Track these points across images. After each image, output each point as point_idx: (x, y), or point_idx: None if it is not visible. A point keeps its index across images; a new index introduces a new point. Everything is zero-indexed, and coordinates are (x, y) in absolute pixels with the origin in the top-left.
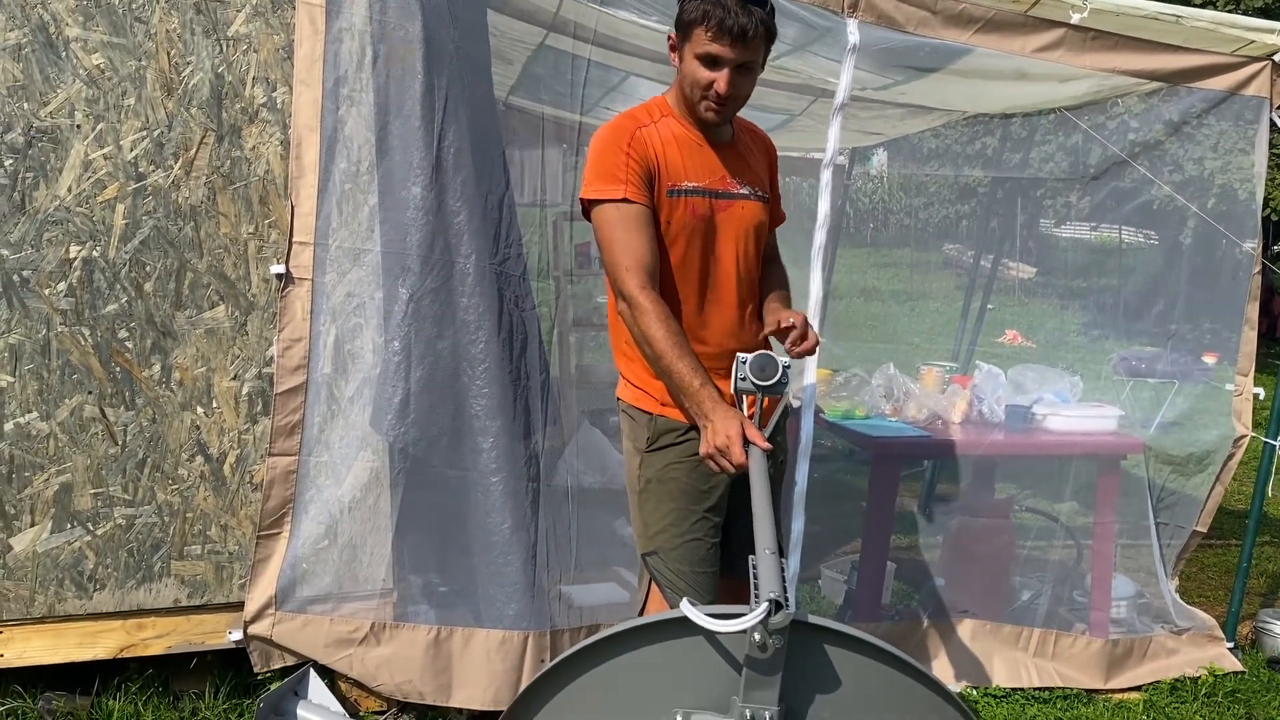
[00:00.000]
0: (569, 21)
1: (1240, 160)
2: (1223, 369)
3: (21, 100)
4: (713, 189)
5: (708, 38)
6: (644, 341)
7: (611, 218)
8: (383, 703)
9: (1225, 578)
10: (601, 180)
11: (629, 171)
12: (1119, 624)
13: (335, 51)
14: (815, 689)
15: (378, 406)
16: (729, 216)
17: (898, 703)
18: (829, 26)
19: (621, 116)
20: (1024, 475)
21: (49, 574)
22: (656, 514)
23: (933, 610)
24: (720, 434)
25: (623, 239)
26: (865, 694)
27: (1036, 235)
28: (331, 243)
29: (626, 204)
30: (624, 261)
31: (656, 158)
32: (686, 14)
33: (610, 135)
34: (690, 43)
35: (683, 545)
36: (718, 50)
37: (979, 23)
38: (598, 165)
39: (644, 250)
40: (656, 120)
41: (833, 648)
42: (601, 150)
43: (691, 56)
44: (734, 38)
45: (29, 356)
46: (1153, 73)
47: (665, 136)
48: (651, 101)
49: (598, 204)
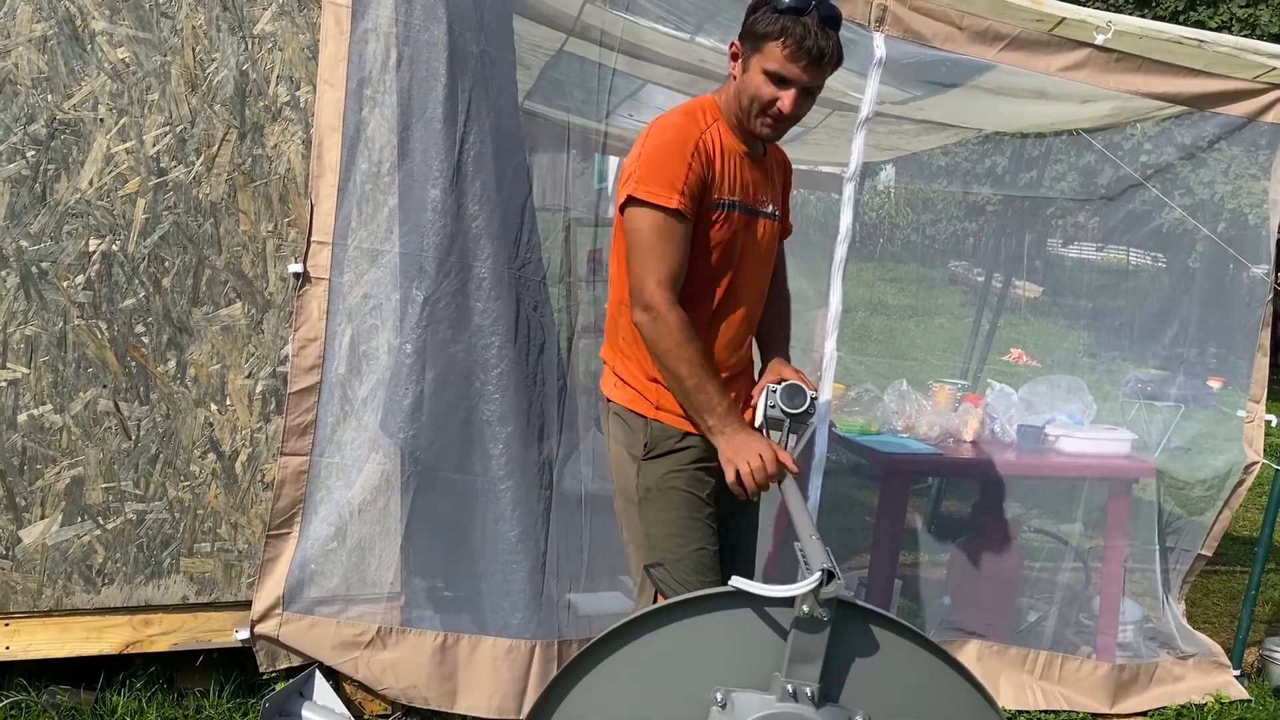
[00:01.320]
0: (595, 29)
1: (1251, 185)
2: (1228, 394)
3: (46, 92)
4: (747, 204)
5: (783, 55)
6: (666, 355)
7: (658, 224)
8: (387, 706)
9: (1230, 604)
10: (658, 183)
11: (688, 183)
12: (1125, 648)
13: (360, 52)
14: (855, 669)
15: (388, 409)
16: (753, 233)
17: (933, 690)
18: (854, 39)
19: (683, 116)
20: (1033, 496)
21: (57, 567)
22: (660, 524)
23: (939, 628)
24: (754, 453)
25: (663, 250)
26: (903, 679)
27: (1044, 255)
28: (350, 243)
29: (678, 216)
30: (659, 273)
31: (714, 169)
32: (761, 26)
33: (676, 138)
34: (760, 56)
35: (689, 554)
36: (791, 71)
37: (1005, 40)
38: (658, 166)
39: (679, 266)
40: (709, 125)
41: (877, 629)
42: (665, 152)
43: (759, 70)
44: (811, 60)
45: (45, 348)
46: (1175, 96)
47: (717, 144)
48: (703, 101)
49: (646, 205)
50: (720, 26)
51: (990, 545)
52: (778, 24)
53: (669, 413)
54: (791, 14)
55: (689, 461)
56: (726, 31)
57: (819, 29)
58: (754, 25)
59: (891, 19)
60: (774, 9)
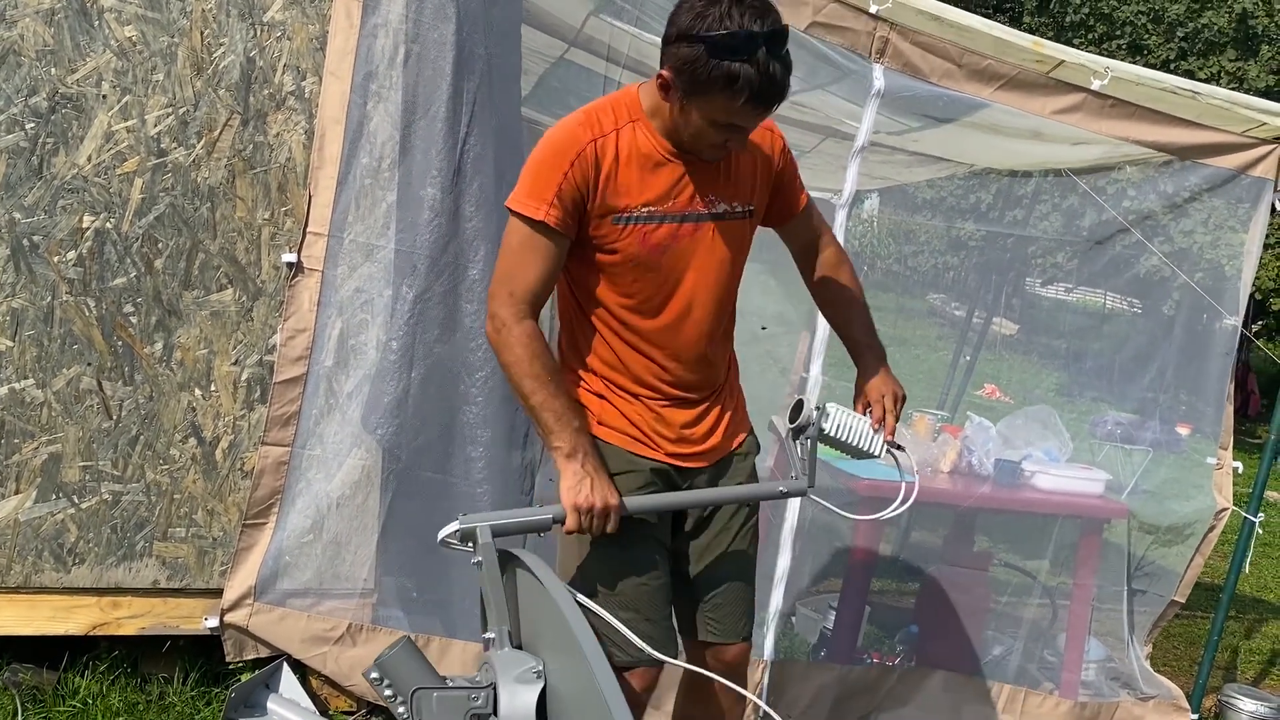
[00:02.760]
0: (601, 43)
1: (1229, 237)
2: (1195, 440)
3: (50, 65)
4: (676, 212)
5: (735, 109)
6: (509, 369)
7: (523, 235)
8: (353, 703)
9: (1191, 649)
10: (527, 192)
11: (560, 194)
12: (1087, 686)
13: (368, 46)
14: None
15: (369, 405)
16: (696, 241)
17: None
18: (854, 69)
19: (579, 119)
20: (1004, 530)
21: (28, 544)
22: (596, 553)
23: (905, 657)
24: (600, 495)
25: (523, 261)
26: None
27: (1022, 293)
28: (346, 236)
29: (543, 229)
30: (513, 285)
31: (602, 180)
32: (702, 73)
33: (556, 145)
34: (702, 104)
35: (623, 589)
36: (745, 119)
37: (1002, 80)
38: (532, 173)
39: (541, 280)
40: (621, 126)
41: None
42: (542, 159)
43: (701, 118)
44: (767, 105)
45: (31, 323)
46: (1165, 145)
47: (625, 150)
48: (622, 96)
49: (515, 214)
50: None
51: (959, 577)
52: (726, 74)
53: (612, 430)
54: (739, 59)
55: (636, 488)
56: None
57: (769, 66)
58: (690, 69)
59: (892, 52)
60: (711, 52)
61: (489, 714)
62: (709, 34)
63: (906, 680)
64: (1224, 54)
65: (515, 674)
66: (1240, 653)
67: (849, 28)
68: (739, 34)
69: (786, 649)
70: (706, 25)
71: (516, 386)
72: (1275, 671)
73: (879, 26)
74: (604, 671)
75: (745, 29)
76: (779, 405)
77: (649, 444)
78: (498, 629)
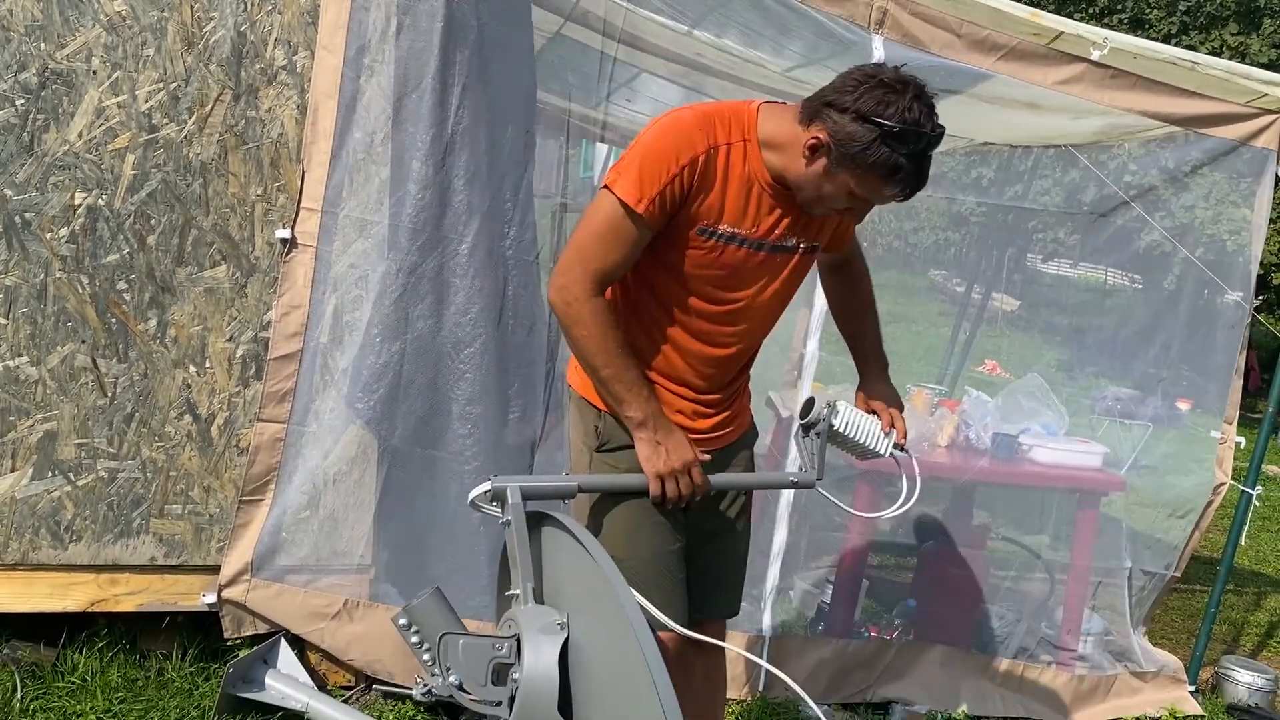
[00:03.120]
0: (597, 17)
1: (1231, 212)
2: (1196, 416)
3: (39, 40)
4: (757, 239)
5: (884, 191)
6: (580, 342)
7: (612, 216)
8: (350, 677)
9: (1189, 622)
10: (632, 181)
11: (663, 194)
12: (1085, 660)
13: (360, 20)
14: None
15: (352, 379)
16: (765, 268)
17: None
18: (854, 41)
19: (697, 120)
20: (1002, 505)
21: (25, 521)
22: (610, 522)
23: (904, 631)
24: (678, 456)
25: (607, 243)
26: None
27: (1023, 269)
28: (340, 212)
29: (636, 219)
30: (592, 265)
31: (705, 191)
32: (869, 156)
33: (673, 145)
34: (853, 177)
35: (639, 557)
36: (882, 200)
37: (1002, 50)
38: (642, 161)
39: (615, 265)
40: (734, 141)
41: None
42: (657, 150)
43: (846, 187)
44: (909, 197)
45: (24, 300)
46: (1167, 116)
47: (735, 166)
48: (741, 109)
49: (614, 195)
50: (716, 23)
51: (957, 551)
52: (891, 163)
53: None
54: (914, 155)
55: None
56: (723, 27)
57: (926, 163)
58: (858, 149)
59: (891, 22)
60: (886, 141)
61: (511, 663)
62: (887, 123)
63: (905, 654)
64: (1226, 28)
65: (540, 625)
66: (1238, 625)
67: None
68: (915, 131)
69: (784, 623)
70: (888, 114)
71: (587, 359)
72: (1273, 644)
73: None
74: (641, 628)
75: (920, 124)
76: (779, 383)
77: None
78: (523, 585)
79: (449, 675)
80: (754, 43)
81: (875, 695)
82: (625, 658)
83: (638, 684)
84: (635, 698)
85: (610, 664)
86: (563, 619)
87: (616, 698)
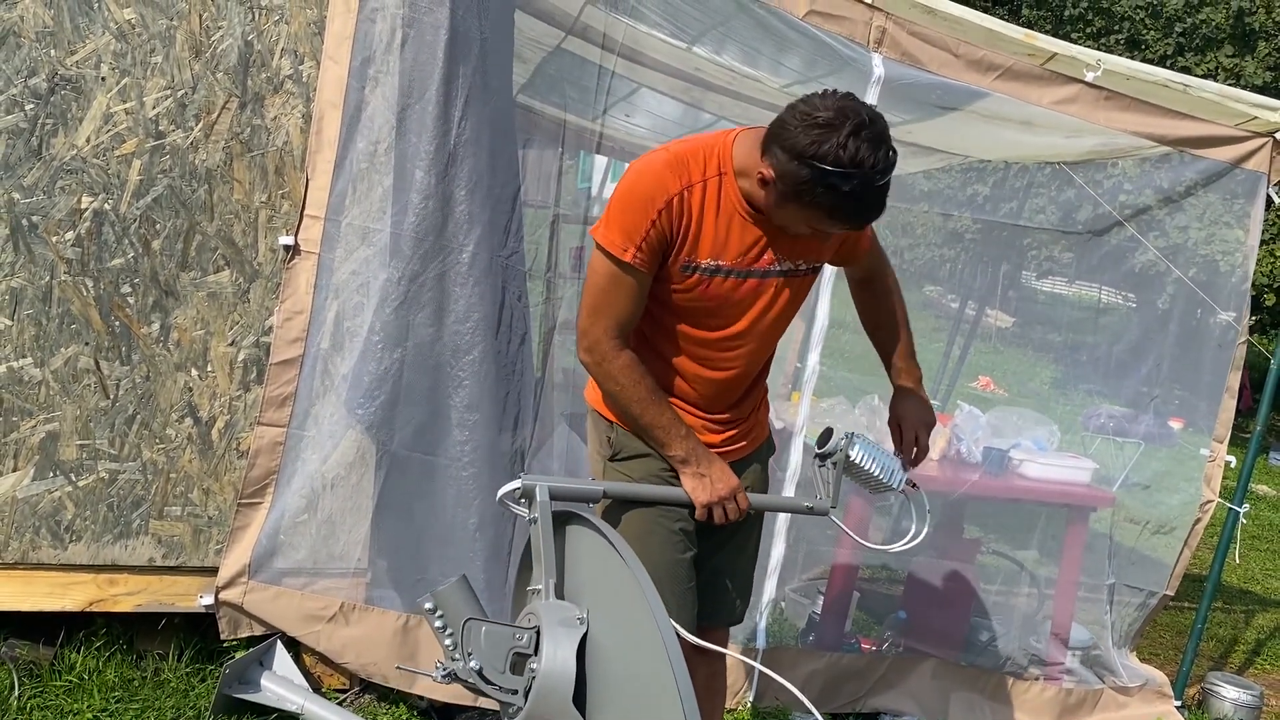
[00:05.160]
0: (596, 31)
1: (1224, 233)
2: (1188, 434)
3: (49, 46)
4: (744, 268)
5: (828, 225)
6: (616, 397)
7: (611, 273)
8: (346, 681)
9: (1177, 638)
10: (616, 232)
11: (647, 239)
12: (1073, 674)
13: (366, 31)
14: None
15: (352, 385)
16: (757, 294)
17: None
18: (854, 58)
19: (669, 163)
20: (992, 519)
21: (26, 520)
22: (623, 529)
23: (893, 643)
24: (722, 485)
25: (612, 297)
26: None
27: (1018, 286)
28: (343, 219)
29: (629, 270)
30: (607, 322)
31: (684, 230)
32: (807, 194)
33: (647, 191)
34: (799, 211)
35: (650, 566)
36: (835, 230)
37: (999, 70)
38: (622, 213)
39: (630, 313)
40: (709, 177)
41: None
42: (631, 200)
43: (798, 215)
44: (860, 226)
45: (29, 302)
46: (1161, 137)
47: (710, 202)
48: (715, 143)
49: (603, 250)
50: (716, 39)
51: (948, 564)
52: (828, 199)
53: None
54: (850, 195)
55: (659, 469)
56: (722, 43)
57: (873, 195)
58: (795, 184)
59: (890, 41)
60: (820, 179)
61: (530, 654)
62: (820, 164)
63: (895, 666)
64: (1221, 50)
65: (560, 619)
66: (1226, 642)
67: (846, 17)
68: (851, 170)
69: (776, 634)
70: (820, 153)
71: (624, 409)
72: (1259, 660)
73: (876, 16)
74: (667, 630)
75: (858, 162)
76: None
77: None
78: (545, 581)
79: (470, 660)
80: (753, 60)
81: (865, 706)
82: (644, 656)
83: (654, 683)
84: (651, 696)
85: (628, 662)
86: (583, 615)
87: (632, 695)
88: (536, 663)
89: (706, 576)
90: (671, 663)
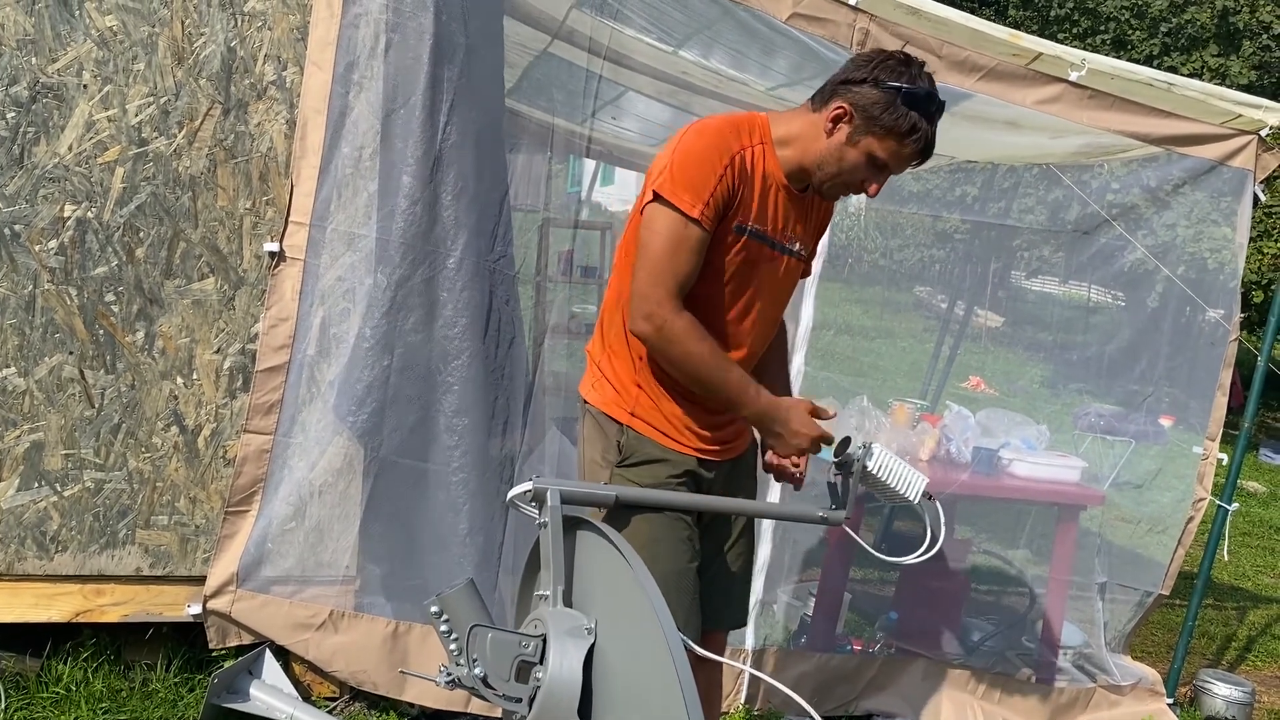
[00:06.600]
0: (583, 35)
1: (1212, 231)
2: (1178, 432)
3: (30, 54)
4: (770, 237)
5: (903, 153)
6: (681, 363)
7: (675, 230)
8: (335, 689)
9: (1168, 635)
10: (684, 188)
11: (715, 194)
12: (1064, 673)
13: (350, 36)
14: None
15: (341, 391)
16: (772, 268)
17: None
18: (838, 61)
19: (725, 125)
20: (982, 519)
21: (10, 531)
22: (630, 537)
23: (885, 644)
24: (804, 436)
25: (675, 258)
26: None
27: (1008, 285)
28: (328, 226)
29: (695, 225)
30: (668, 283)
31: (743, 189)
32: (890, 117)
33: (712, 144)
34: (875, 141)
35: (656, 569)
36: (899, 164)
37: (983, 71)
38: (689, 169)
39: (689, 276)
40: (754, 145)
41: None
42: (700, 155)
43: (865, 153)
44: (922, 159)
45: (12, 311)
46: (1146, 135)
47: (757, 167)
48: (753, 119)
49: (669, 206)
50: (702, 43)
51: (939, 565)
52: (908, 122)
53: (643, 422)
54: (927, 116)
55: (667, 476)
56: (709, 47)
57: (935, 129)
58: (880, 111)
59: (873, 43)
60: (908, 101)
61: (535, 663)
62: (908, 85)
63: (887, 667)
64: (1206, 49)
65: (567, 628)
66: (1217, 639)
67: (829, 19)
68: (929, 94)
69: (767, 636)
70: (904, 79)
71: (691, 374)
72: (1251, 657)
73: (859, 18)
74: (675, 643)
75: (933, 93)
76: None
77: (678, 440)
78: (553, 588)
79: (474, 667)
80: (740, 63)
81: (857, 708)
82: (652, 669)
83: (661, 698)
84: (657, 709)
85: (635, 674)
86: (591, 624)
87: (639, 708)
88: (542, 672)
89: (708, 581)
90: (680, 680)
